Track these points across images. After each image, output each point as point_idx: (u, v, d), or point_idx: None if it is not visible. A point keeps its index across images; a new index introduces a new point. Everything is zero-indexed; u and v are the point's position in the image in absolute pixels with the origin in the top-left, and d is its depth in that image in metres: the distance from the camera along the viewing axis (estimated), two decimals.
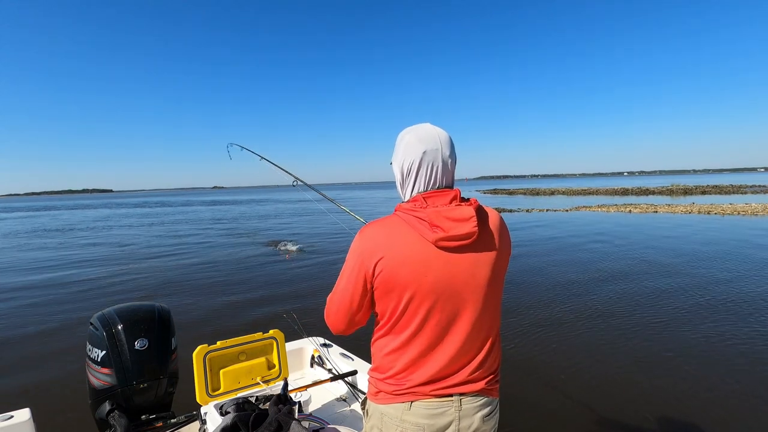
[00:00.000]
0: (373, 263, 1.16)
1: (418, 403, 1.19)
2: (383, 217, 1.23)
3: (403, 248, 1.14)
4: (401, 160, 1.26)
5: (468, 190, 72.50)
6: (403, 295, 1.16)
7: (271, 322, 2.90)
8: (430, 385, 1.19)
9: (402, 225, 1.18)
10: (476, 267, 1.18)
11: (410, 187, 1.26)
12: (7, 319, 6.38)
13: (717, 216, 17.87)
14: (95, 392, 2.30)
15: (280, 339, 2.55)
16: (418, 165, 1.22)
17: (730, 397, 3.60)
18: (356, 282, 1.20)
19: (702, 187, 42.97)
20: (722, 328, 5.07)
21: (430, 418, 1.18)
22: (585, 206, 25.29)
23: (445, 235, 1.13)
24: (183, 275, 9.33)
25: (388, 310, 1.20)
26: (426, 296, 1.15)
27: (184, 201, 63.88)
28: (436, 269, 1.14)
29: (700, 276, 7.64)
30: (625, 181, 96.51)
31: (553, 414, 3.45)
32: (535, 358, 4.46)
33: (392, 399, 1.21)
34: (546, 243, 12.12)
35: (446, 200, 1.19)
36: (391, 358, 1.22)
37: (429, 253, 1.14)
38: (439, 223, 1.13)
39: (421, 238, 1.15)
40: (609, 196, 37.47)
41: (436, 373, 1.19)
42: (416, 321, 1.17)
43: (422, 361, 1.19)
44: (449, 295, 1.17)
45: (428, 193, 1.21)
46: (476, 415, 1.22)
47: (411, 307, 1.16)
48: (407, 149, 1.25)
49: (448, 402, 1.19)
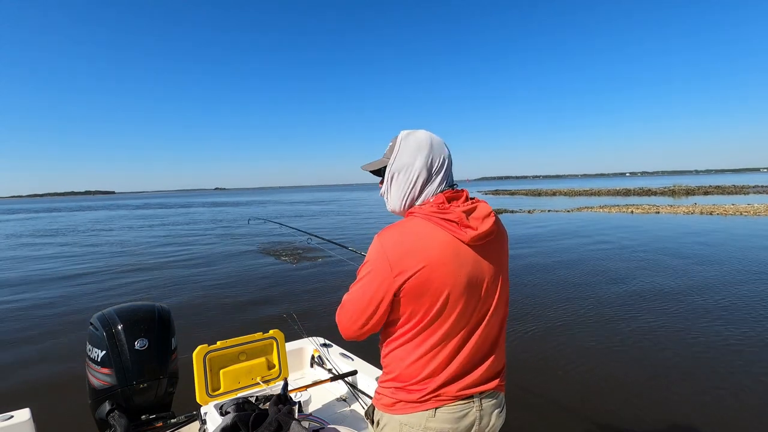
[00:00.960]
0: (402, 271, 1.12)
1: (443, 408, 1.18)
2: (402, 221, 1.22)
3: (436, 251, 1.13)
4: (406, 164, 1.24)
5: (470, 191, 72.10)
6: (438, 298, 1.13)
7: (271, 322, 2.90)
8: (453, 385, 1.18)
9: (430, 227, 1.16)
10: (497, 261, 1.22)
11: (434, 187, 1.24)
12: (7, 319, 6.40)
13: (719, 216, 17.82)
14: (95, 392, 2.30)
15: (280, 339, 2.55)
16: (439, 166, 1.24)
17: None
18: (378, 287, 1.15)
19: (704, 187, 42.83)
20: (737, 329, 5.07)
21: (453, 421, 1.18)
22: (587, 207, 25.24)
23: (476, 233, 1.14)
24: (183, 275, 9.35)
25: (418, 316, 1.16)
26: (460, 296, 1.15)
27: (185, 202, 64.02)
28: (468, 268, 1.16)
29: (699, 277, 7.63)
30: (627, 181, 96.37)
31: (551, 413, 3.45)
32: (536, 356, 4.46)
33: (415, 408, 1.18)
34: (546, 243, 12.10)
35: (464, 199, 1.22)
36: (418, 365, 1.18)
37: (461, 253, 1.15)
38: (469, 223, 1.15)
39: (453, 239, 1.15)
40: (611, 197, 37.38)
41: (458, 372, 1.19)
42: (449, 323, 1.16)
43: (445, 363, 1.18)
44: (479, 293, 1.18)
45: (448, 194, 1.22)
46: (493, 412, 1.24)
47: (448, 308, 1.15)
48: (411, 152, 1.24)
49: (470, 403, 1.20)
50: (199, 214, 33.74)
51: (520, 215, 21.80)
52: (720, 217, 17.48)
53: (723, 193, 36.79)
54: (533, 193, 50.88)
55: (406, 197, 1.26)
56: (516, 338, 4.98)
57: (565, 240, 12.72)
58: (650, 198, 34.31)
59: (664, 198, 33.57)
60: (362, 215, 26.22)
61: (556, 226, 16.65)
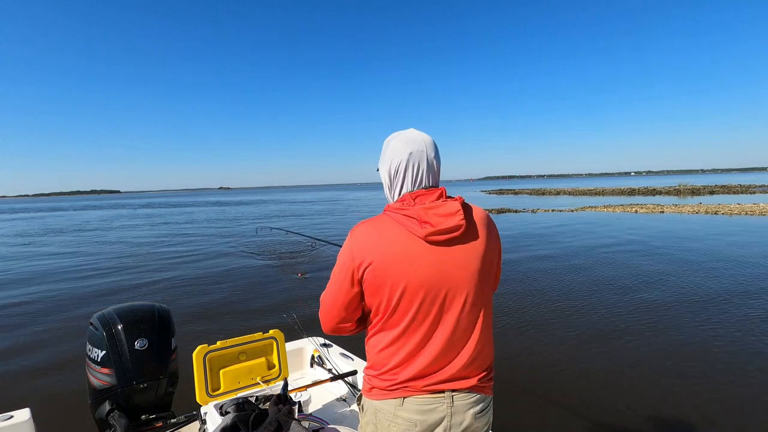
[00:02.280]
0: (363, 262, 1.20)
1: (411, 399, 1.21)
2: (373, 217, 1.27)
3: (394, 245, 1.18)
4: (389, 163, 1.31)
5: (473, 190, 72.36)
6: (394, 291, 1.18)
7: (271, 322, 2.90)
8: (422, 380, 1.21)
9: (391, 223, 1.22)
10: (465, 259, 1.21)
11: (398, 187, 1.30)
12: (7, 319, 6.41)
13: (724, 216, 17.72)
14: (95, 392, 2.31)
15: (280, 339, 2.55)
16: (405, 166, 1.28)
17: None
18: (344, 280, 1.25)
19: (710, 187, 42.57)
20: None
21: (422, 414, 1.21)
22: (590, 206, 25.15)
23: (434, 229, 1.17)
24: (182, 275, 9.37)
25: (381, 307, 1.22)
26: (417, 291, 1.18)
27: (189, 202, 64.26)
28: (426, 264, 1.18)
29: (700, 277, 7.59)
30: (632, 181, 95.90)
31: (549, 414, 3.43)
32: (534, 356, 4.44)
33: (385, 395, 1.24)
34: (547, 243, 12.06)
35: (433, 198, 1.24)
36: (385, 354, 1.25)
37: (419, 249, 1.18)
38: (427, 219, 1.17)
39: (410, 235, 1.19)
40: (615, 196, 37.24)
41: (427, 367, 1.21)
42: (408, 316, 1.20)
43: (414, 356, 1.22)
44: (439, 289, 1.19)
45: (416, 193, 1.26)
46: (468, 411, 1.23)
47: (403, 302, 1.19)
48: (394, 152, 1.30)
49: (440, 398, 1.22)
50: (201, 213, 33.87)
51: (523, 215, 21.76)
52: (725, 217, 17.39)
53: (729, 192, 36.58)
54: (537, 192, 50.77)
55: (390, 195, 1.34)
56: (514, 335, 4.96)
57: (564, 240, 12.68)
58: (655, 197, 34.16)
59: (669, 197, 33.40)
60: (364, 214, 26.24)
61: (558, 225, 16.60)
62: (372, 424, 1.28)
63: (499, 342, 4.80)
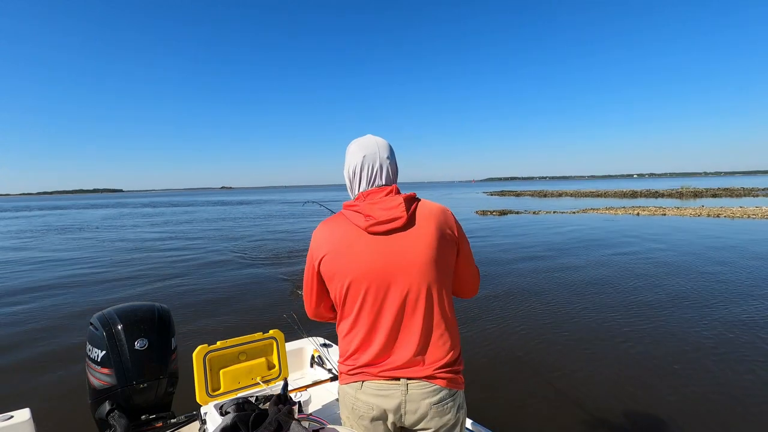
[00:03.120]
0: (318, 257, 1.33)
1: (368, 383, 1.30)
2: (331, 216, 1.41)
3: (341, 239, 1.30)
4: (347, 166, 1.44)
5: (475, 191, 72.28)
6: (343, 281, 1.29)
7: (271, 322, 2.90)
8: (375, 366, 1.29)
9: (342, 219, 1.34)
10: (408, 249, 1.27)
11: (356, 188, 1.41)
12: (7, 319, 6.41)
13: (726, 219, 17.67)
14: (95, 392, 2.30)
15: (280, 339, 2.55)
16: (360, 167, 1.39)
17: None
18: (309, 274, 1.41)
19: (712, 189, 42.48)
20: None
21: (378, 398, 1.29)
22: (592, 208, 25.10)
23: (374, 221, 1.27)
24: (183, 275, 9.38)
25: (336, 297, 1.34)
26: (361, 280, 1.27)
27: (191, 201, 64.33)
28: (367, 254, 1.27)
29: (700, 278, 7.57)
30: (635, 183, 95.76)
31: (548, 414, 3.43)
32: (533, 355, 4.44)
33: (349, 379, 1.34)
34: (547, 243, 12.06)
35: (382, 195, 1.33)
36: (345, 341, 1.36)
37: (361, 240, 1.28)
38: (370, 212, 1.28)
39: (356, 228, 1.30)
40: (617, 199, 37.18)
41: (380, 353, 1.29)
42: (357, 304, 1.30)
43: (366, 343, 1.31)
44: (383, 278, 1.27)
45: (368, 191, 1.37)
46: (423, 401, 1.27)
47: (351, 291, 1.29)
48: (351, 156, 1.42)
49: (395, 385, 1.28)
50: (204, 212, 33.91)
51: (525, 216, 21.72)
52: (727, 220, 17.35)
53: (732, 195, 36.47)
54: (539, 194, 50.67)
55: (351, 195, 1.46)
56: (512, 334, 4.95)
57: (567, 240, 12.67)
58: (657, 200, 34.08)
59: (672, 200, 33.32)
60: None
61: (560, 226, 16.57)
62: (343, 405, 1.39)
63: (499, 342, 4.81)
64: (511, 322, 5.61)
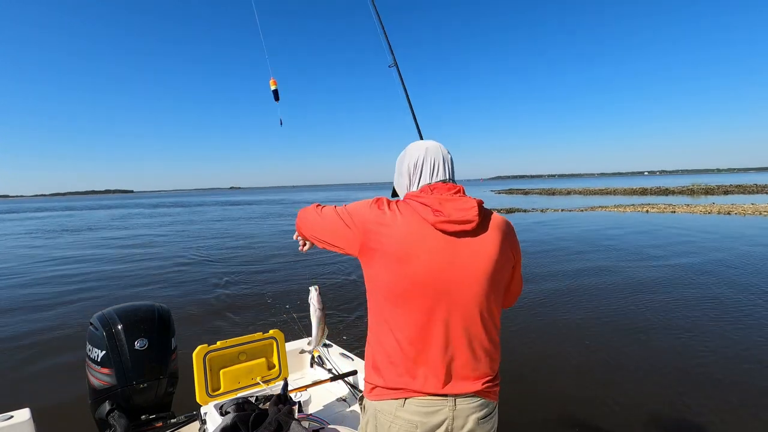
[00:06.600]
0: (367, 230, 1.22)
1: (412, 400, 1.19)
2: (396, 199, 1.32)
3: (410, 228, 1.19)
4: (408, 162, 1.37)
5: (483, 190, 71.97)
6: (399, 276, 1.18)
7: (271, 322, 2.89)
8: (422, 381, 1.19)
9: (407, 207, 1.24)
10: (473, 258, 1.20)
11: (417, 180, 1.34)
12: (7, 319, 6.44)
13: (737, 216, 17.43)
14: (95, 392, 2.32)
15: (280, 339, 2.54)
16: (423, 160, 1.33)
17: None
18: (346, 228, 1.27)
19: (724, 186, 41.79)
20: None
21: (423, 416, 1.18)
22: (601, 206, 24.86)
23: (446, 218, 1.18)
24: (182, 274, 9.41)
25: (377, 288, 1.23)
26: (420, 283, 1.17)
27: (199, 201, 64.76)
28: (430, 250, 1.18)
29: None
30: (645, 180, 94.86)
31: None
32: (541, 352, 4.40)
33: (387, 394, 1.22)
34: (548, 243, 11.98)
35: (451, 191, 1.26)
36: (383, 348, 1.24)
37: (427, 234, 1.19)
38: (440, 208, 1.19)
39: (422, 220, 1.20)
40: (627, 196, 36.78)
41: (426, 368, 1.19)
42: (409, 309, 1.19)
43: (413, 355, 1.19)
44: (443, 285, 1.18)
45: (434, 185, 1.29)
46: (471, 416, 1.20)
47: (404, 292, 1.18)
48: (412, 152, 1.37)
49: (443, 401, 1.18)
50: (211, 212, 34.12)
51: (533, 214, 21.60)
52: (738, 217, 17.10)
53: (744, 192, 35.88)
54: (547, 192, 50.31)
55: (402, 188, 1.41)
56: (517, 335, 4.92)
57: (569, 239, 12.57)
58: (667, 197, 33.66)
59: (682, 197, 32.89)
60: None
61: (563, 225, 16.45)
62: (372, 424, 1.26)
63: (509, 343, 4.77)
64: (513, 318, 5.58)
